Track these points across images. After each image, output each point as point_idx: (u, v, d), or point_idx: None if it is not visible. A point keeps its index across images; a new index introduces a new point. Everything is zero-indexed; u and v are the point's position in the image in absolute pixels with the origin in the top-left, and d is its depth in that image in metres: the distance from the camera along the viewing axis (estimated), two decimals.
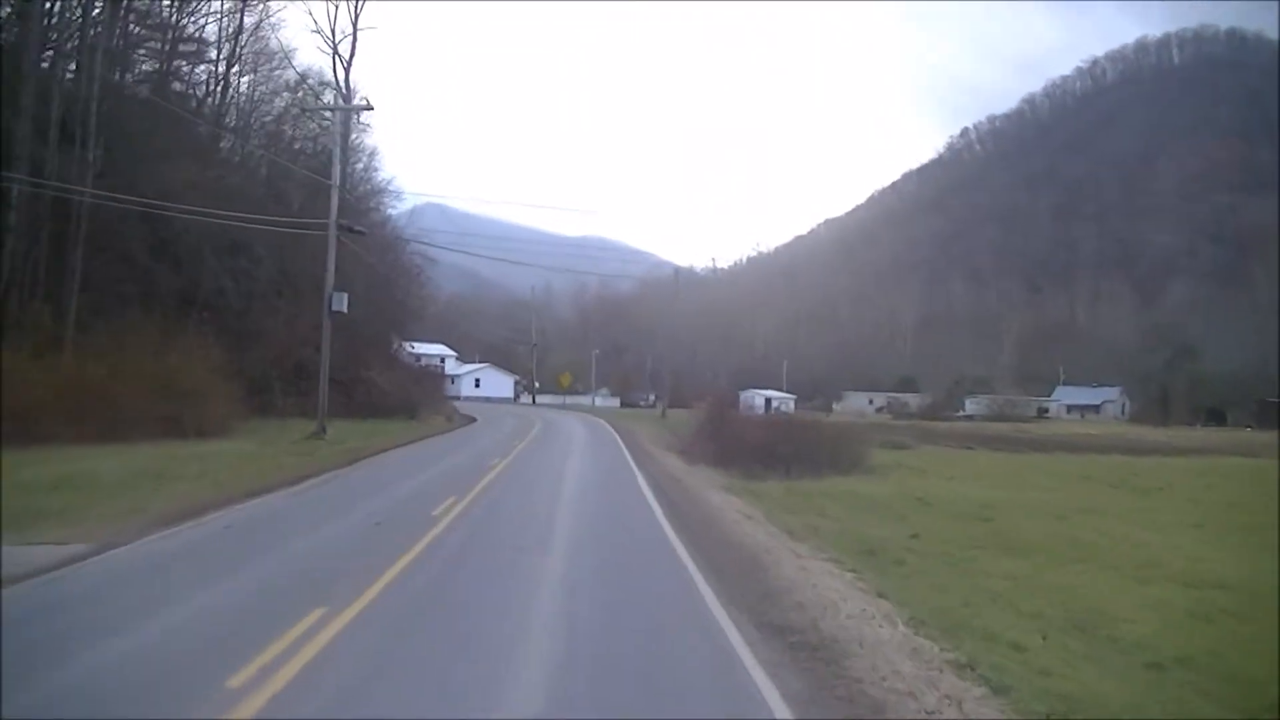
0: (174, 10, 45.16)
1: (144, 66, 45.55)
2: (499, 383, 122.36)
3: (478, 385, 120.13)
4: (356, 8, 56.33)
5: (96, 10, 35.71)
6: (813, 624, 9.32)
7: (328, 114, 50.80)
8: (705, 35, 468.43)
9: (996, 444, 52.85)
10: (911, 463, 35.84)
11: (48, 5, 35.12)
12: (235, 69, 49.02)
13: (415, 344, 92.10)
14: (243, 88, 51.54)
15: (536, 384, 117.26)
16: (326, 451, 27.29)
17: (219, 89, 48.09)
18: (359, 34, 55.61)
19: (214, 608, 9.28)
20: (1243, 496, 27.61)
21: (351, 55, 57.17)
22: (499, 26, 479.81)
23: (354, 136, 61.45)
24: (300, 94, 52.63)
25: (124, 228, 35.33)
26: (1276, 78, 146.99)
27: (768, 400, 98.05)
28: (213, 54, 48.53)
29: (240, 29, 47.71)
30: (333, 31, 56.74)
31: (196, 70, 48.99)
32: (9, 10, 34.63)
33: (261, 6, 49.03)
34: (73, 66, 36.81)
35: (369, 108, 39.39)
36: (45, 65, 35.41)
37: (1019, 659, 8.73)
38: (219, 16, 47.57)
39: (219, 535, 13.67)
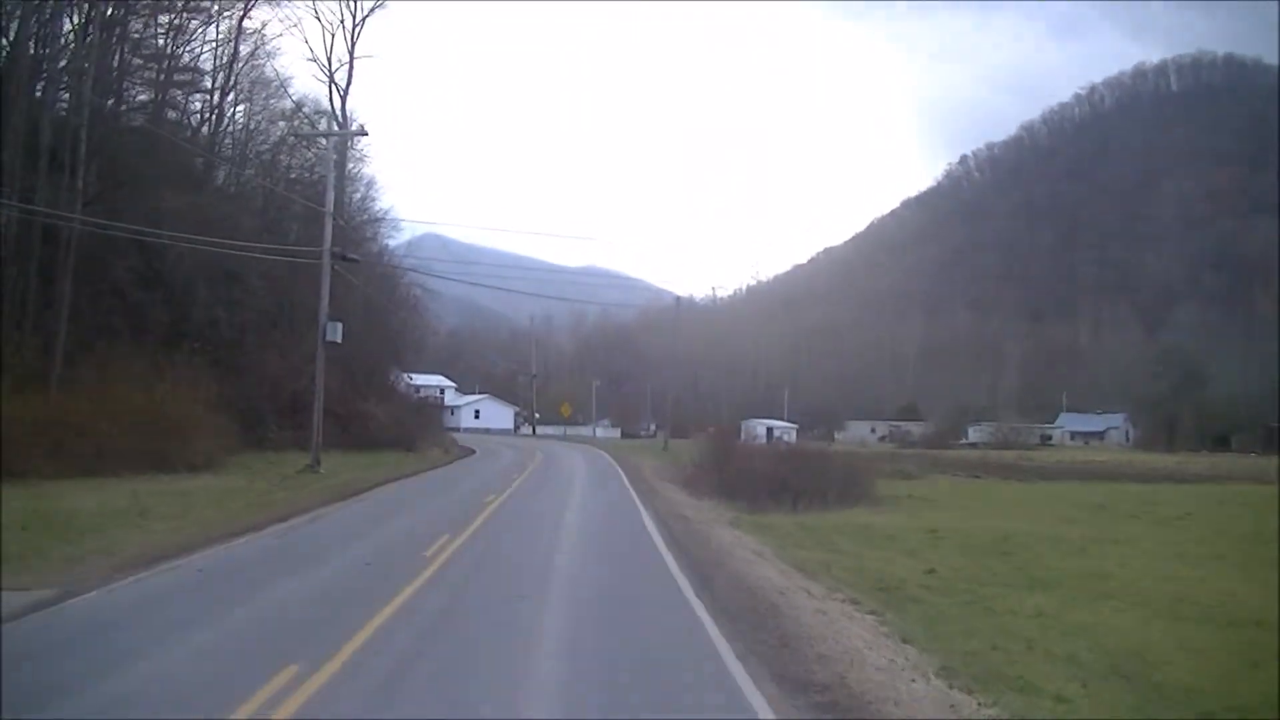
0: (169, 40, 44.71)
1: (139, 96, 45.08)
2: (499, 414, 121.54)
3: (477, 416, 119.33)
4: (353, 36, 56.12)
5: (88, 38, 35.19)
6: (839, 679, 8.43)
7: (323, 141, 50.38)
8: (704, 65, 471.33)
9: (1004, 473, 52.11)
10: (919, 493, 35.02)
11: (38, 29, 34.56)
12: (230, 97, 48.57)
13: (414, 375, 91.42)
14: (238, 117, 51.16)
15: (537, 415, 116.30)
16: (318, 486, 26.39)
17: (213, 117, 47.56)
18: (355, 63, 55.38)
19: (175, 666, 8.38)
20: (1268, 526, 26.61)
21: (348, 84, 56.78)
22: (500, 64, 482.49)
23: (351, 166, 60.92)
24: (296, 123, 52.15)
25: (114, 258, 34.67)
26: (1276, 103, 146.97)
27: (769, 430, 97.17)
28: (208, 83, 48.18)
29: (235, 56, 47.27)
30: (329, 60, 56.47)
31: (191, 100, 48.60)
32: None
33: (256, 35, 48.69)
34: (65, 94, 36.35)
35: (364, 133, 38.83)
36: (38, 92, 34.96)
37: (1064, 713, 7.93)
38: (214, 46, 47.21)
39: (192, 580, 12.76)
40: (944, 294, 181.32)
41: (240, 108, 49.97)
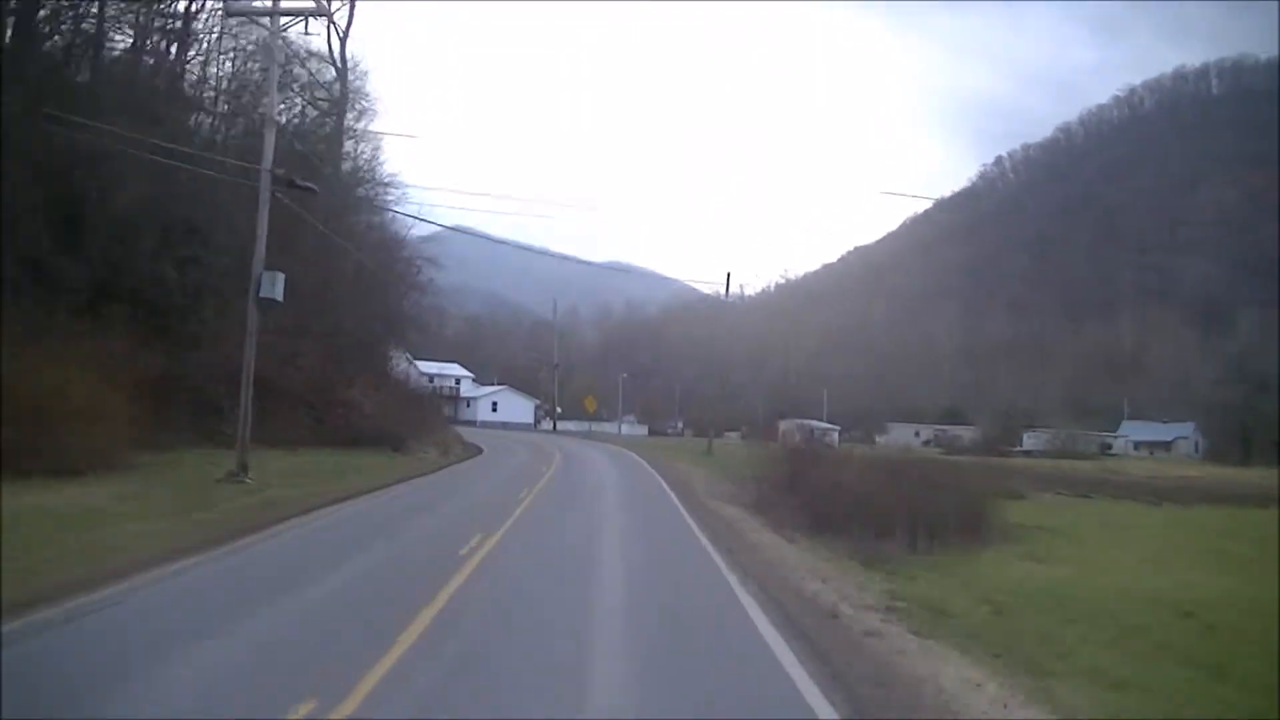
0: None
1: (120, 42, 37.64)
2: (518, 407, 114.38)
3: (495, 409, 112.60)
4: None
5: None
6: None
7: (268, 22, 43.20)
8: (736, 61, 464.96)
9: (1109, 490, 44.29)
10: (1047, 521, 26.78)
11: None
12: (203, 21, 40.68)
13: (427, 362, 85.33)
14: (223, 63, 43.64)
15: (558, 409, 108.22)
16: (223, 509, 17.54)
17: (175, 47, 39.44)
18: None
19: None
20: None
21: (349, 24, 50.23)
22: (531, 57, 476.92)
23: (359, 122, 54.02)
24: (285, 60, 44.32)
25: (18, 196, 26.97)
26: None
27: (810, 431, 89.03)
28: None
29: None
30: None
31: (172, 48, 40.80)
32: None
33: None
34: None
35: (325, 13, 28.62)
36: None
37: None
38: None
39: None
40: (979, 295, 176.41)
41: (212, 36, 42.00)
